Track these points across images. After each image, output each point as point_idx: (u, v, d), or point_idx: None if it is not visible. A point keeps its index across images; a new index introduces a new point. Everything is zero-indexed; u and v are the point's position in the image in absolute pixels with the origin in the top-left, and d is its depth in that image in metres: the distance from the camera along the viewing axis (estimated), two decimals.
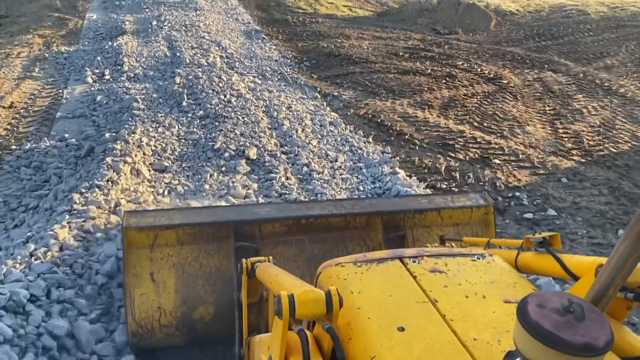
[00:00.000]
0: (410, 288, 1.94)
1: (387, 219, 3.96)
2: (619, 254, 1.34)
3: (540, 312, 1.19)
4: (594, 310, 1.22)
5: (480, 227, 4.17)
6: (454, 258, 2.17)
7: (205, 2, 15.62)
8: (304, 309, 1.61)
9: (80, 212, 4.69)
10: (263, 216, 3.82)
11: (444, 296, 1.88)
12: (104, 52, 10.50)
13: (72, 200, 4.90)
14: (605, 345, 1.13)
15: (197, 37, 11.79)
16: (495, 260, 2.19)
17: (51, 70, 9.81)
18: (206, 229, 3.67)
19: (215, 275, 3.64)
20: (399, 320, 1.74)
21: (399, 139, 7.50)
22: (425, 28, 14.46)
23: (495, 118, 8.36)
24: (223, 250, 3.67)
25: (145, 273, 3.56)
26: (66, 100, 8.41)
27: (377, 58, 11.17)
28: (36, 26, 12.94)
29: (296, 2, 16.56)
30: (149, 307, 3.51)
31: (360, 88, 9.52)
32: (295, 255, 3.79)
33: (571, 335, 1.13)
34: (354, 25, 14.06)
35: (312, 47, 11.99)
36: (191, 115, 7.50)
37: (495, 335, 1.66)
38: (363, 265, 2.09)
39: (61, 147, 6.58)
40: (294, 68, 10.61)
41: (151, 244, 3.61)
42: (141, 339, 3.51)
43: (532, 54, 12.36)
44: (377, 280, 2.00)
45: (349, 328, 1.78)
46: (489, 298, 1.88)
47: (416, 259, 2.14)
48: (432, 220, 4.06)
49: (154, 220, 3.65)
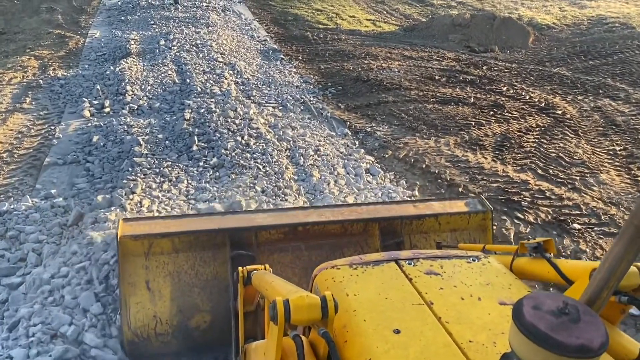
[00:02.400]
0: (406, 290, 1.95)
1: (384, 225, 3.93)
2: (613, 256, 1.33)
3: (536, 314, 1.20)
4: (589, 312, 1.23)
5: (478, 232, 4.12)
6: (449, 260, 2.18)
7: (218, 16, 14.46)
8: (299, 315, 1.61)
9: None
10: (259, 223, 3.76)
11: (440, 298, 1.88)
12: (104, 79, 9.33)
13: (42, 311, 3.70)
14: (600, 346, 1.14)
15: (210, 59, 10.61)
16: (490, 262, 2.20)
17: (44, 101, 8.65)
18: (202, 237, 3.63)
19: (211, 283, 3.63)
20: (394, 322, 1.74)
21: (451, 192, 6.25)
22: (458, 45, 13.18)
23: (561, 162, 7.07)
24: (219, 257, 3.65)
25: (141, 281, 3.54)
26: (58, 140, 7.24)
27: (411, 83, 9.91)
28: (34, 45, 11.83)
29: (315, 17, 15.35)
30: (144, 316, 3.50)
31: (395, 122, 8.27)
32: (292, 263, 3.78)
33: (566, 337, 1.14)
34: (380, 43, 12.82)
35: (337, 70, 10.75)
36: (203, 164, 6.29)
37: (491, 337, 1.66)
38: (359, 268, 2.10)
39: (45, 209, 5.39)
40: (317, 96, 9.39)
41: (146, 252, 3.56)
42: (137, 347, 3.50)
43: (581, 75, 11.05)
44: (373, 283, 2.00)
45: (345, 331, 1.78)
46: (485, 300, 1.89)
47: (412, 261, 2.15)
48: (429, 226, 4.03)
49: (149, 228, 3.62)
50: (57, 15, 14.50)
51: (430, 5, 18.60)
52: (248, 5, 16.64)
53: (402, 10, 17.64)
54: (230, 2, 16.71)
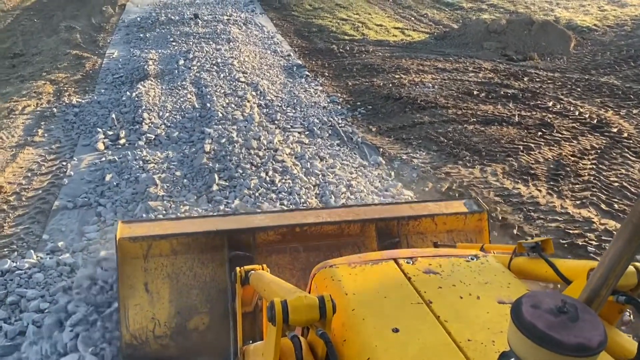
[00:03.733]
0: (405, 289, 1.94)
1: (381, 225, 3.93)
2: (612, 255, 1.33)
3: (534, 312, 1.20)
4: (587, 310, 1.23)
5: (474, 233, 4.10)
6: (448, 259, 2.16)
7: (239, 30, 13.90)
8: (297, 315, 1.61)
9: None
10: (257, 224, 3.77)
11: (438, 297, 1.88)
12: (120, 105, 8.81)
13: None
14: (599, 345, 1.14)
15: (231, 79, 10.02)
16: (489, 260, 2.19)
17: (57, 132, 8.16)
18: (200, 238, 3.62)
19: (209, 284, 3.62)
20: (393, 321, 1.74)
21: (505, 233, 5.50)
22: (494, 54, 12.34)
23: (626, 194, 6.24)
24: (217, 259, 3.63)
25: (139, 283, 3.53)
26: (69, 178, 6.71)
27: (448, 100, 9.15)
28: (50, 68, 11.42)
29: (341, 27, 14.67)
30: (143, 318, 3.49)
31: (434, 147, 7.53)
32: (290, 264, 3.77)
33: (565, 336, 1.14)
34: (410, 54, 12.07)
35: (366, 87, 10.05)
36: (223, 208, 5.66)
37: (490, 336, 1.66)
38: (357, 267, 2.08)
39: (49, 268, 4.83)
40: (346, 117, 8.71)
41: (145, 254, 3.55)
42: (135, 350, 3.47)
43: (632, 85, 10.13)
44: (372, 282, 1.99)
45: (344, 329, 1.77)
46: (483, 299, 1.88)
47: (410, 260, 2.13)
48: (426, 226, 4.02)
49: (147, 231, 3.63)
50: (76, 35, 14.13)
51: (459, 9, 17.75)
52: (270, 16, 16.06)
53: (430, 15, 16.84)
54: (252, 14, 16.16)
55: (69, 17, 16.29)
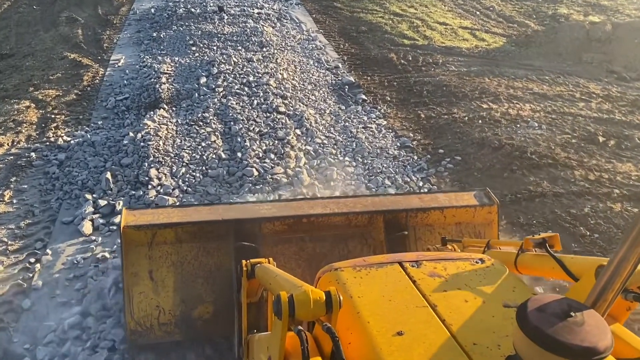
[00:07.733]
0: (410, 292, 1.92)
1: (389, 217, 3.84)
2: (619, 258, 1.31)
3: (540, 316, 1.18)
4: (593, 314, 1.21)
5: (484, 226, 3.99)
6: (453, 262, 2.13)
7: (273, 29, 11.39)
8: (303, 310, 1.61)
9: None
10: (263, 214, 3.70)
11: (444, 300, 1.86)
12: (120, 152, 6.48)
13: None
14: (605, 349, 1.12)
15: (267, 108, 7.62)
16: (494, 264, 2.15)
17: (31, 196, 5.88)
18: (206, 227, 3.59)
19: (214, 273, 3.59)
20: (398, 324, 1.72)
21: None
22: (598, 69, 9.71)
23: None
24: (223, 248, 3.60)
25: (144, 271, 3.51)
26: (36, 292, 4.45)
27: (568, 152, 6.65)
28: (40, 80, 9.11)
29: (396, 26, 12.04)
30: (147, 306, 3.49)
31: (572, 243, 5.10)
32: (296, 254, 3.73)
33: (571, 340, 1.12)
34: (492, 69, 9.48)
35: (445, 122, 7.58)
36: None
37: (495, 340, 1.64)
38: (362, 270, 2.06)
39: None
40: (428, 175, 6.30)
41: (150, 242, 3.53)
42: (140, 336, 3.49)
43: None
44: (377, 285, 1.97)
45: (349, 332, 1.76)
46: (489, 302, 1.86)
47: (415, 263, 2.11)
48: (434, 219, 3.93)
49: (152, 218, 3.57)
50: (77, 30, 11.76)
51: (529, 0, 14.97)
52: (308, 8, 13.49)
53: (497, 9, 14.11)
54: (286, 4, 13.61)
55: (73, 4, 13.93)
